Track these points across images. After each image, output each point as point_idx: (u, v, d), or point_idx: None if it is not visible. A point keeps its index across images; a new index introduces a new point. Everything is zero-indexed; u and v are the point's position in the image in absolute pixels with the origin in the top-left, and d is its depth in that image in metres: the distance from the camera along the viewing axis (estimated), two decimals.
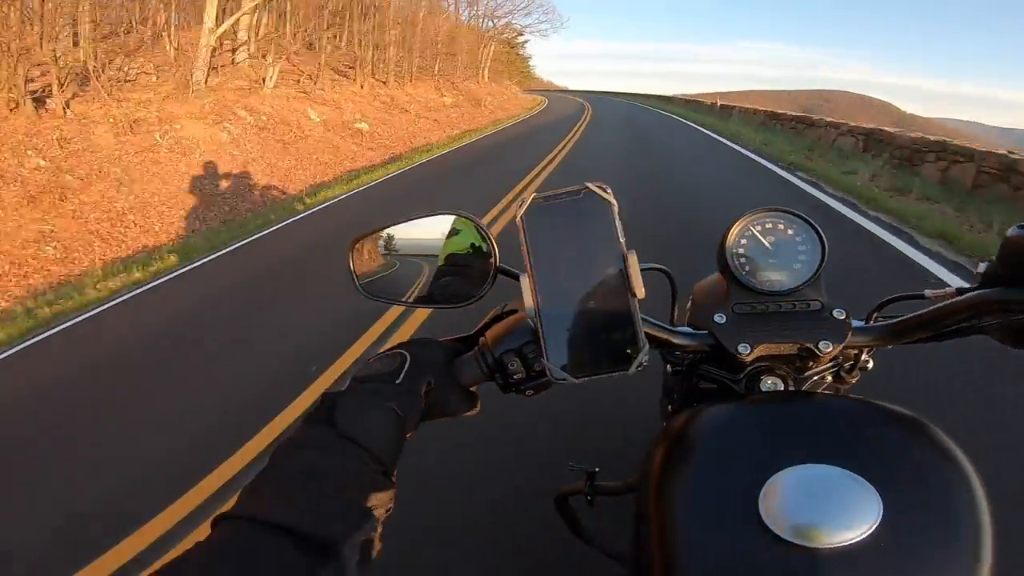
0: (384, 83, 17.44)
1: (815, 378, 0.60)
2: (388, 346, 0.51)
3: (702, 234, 2.70)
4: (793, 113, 13.60)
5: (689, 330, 0.59)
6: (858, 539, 0.38)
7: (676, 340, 0.58)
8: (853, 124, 9.64)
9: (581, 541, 0.75)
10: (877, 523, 0.39)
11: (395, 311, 3.19)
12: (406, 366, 0.47)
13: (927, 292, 0.59)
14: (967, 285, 0.54)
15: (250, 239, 5.39)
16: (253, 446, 2.19)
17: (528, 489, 1.78)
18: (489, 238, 0.52)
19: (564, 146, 11.41)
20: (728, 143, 11.52)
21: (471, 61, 29.29)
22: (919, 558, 0.38)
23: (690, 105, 26.30)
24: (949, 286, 0.57)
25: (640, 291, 0.44)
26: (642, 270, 0.47)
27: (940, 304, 0.52)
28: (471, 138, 14.39)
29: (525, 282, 0.45)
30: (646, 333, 0.48)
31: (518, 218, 0.45)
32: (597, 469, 0.68)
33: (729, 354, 0.55)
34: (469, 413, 0.52)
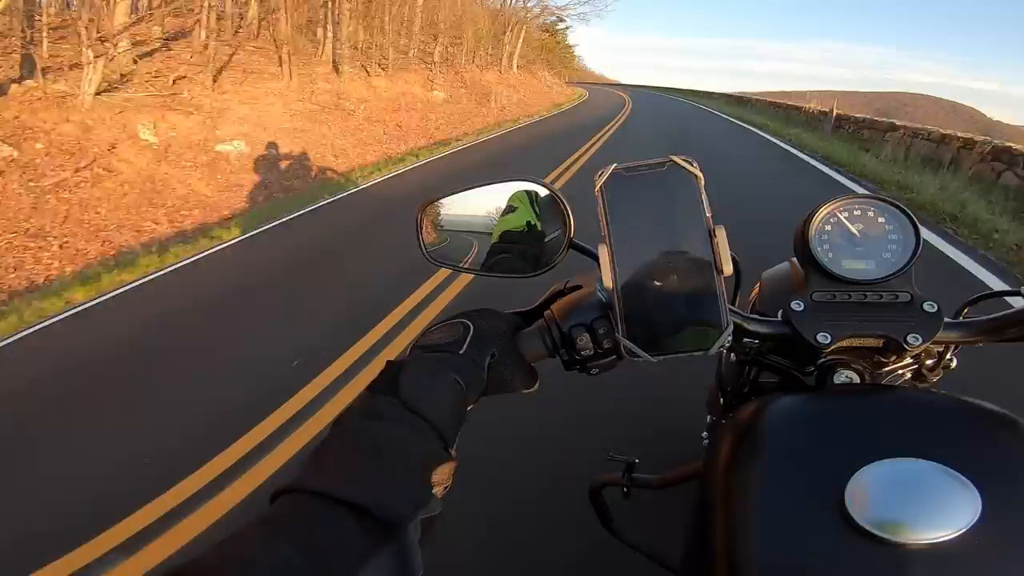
0: (337, 73, 11.96)
1: (893, 374, 0.59)
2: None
3: None
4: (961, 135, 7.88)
5: (761, 316, 0.57)
6: (952, 537, 0.37)
7: (749, 326, 0.56)
8: None
9: (609, 533, 0.74)
10: (975, 522, 0.37)
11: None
12: (469, 336, 0.45)
13: None
14: None
15: None
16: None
17: None
18: (566, 207, 0.51)
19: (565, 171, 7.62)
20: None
21: (494, 46, 24.28)
22: (1018, 560, 0.37)
23: (775, 111, 17.46)
24: None
25: (728, 268, 0.42)
26: None
27: None
28: (419, 159, 9.05)
29: (604, 254, 0.43)
30: None
31: (597, 188, 0.44)
32: (637, 460, 0.68)
33: (806, 343, 0.53)
34: (530, 390, 0.50)
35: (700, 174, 0.44)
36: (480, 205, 0.54)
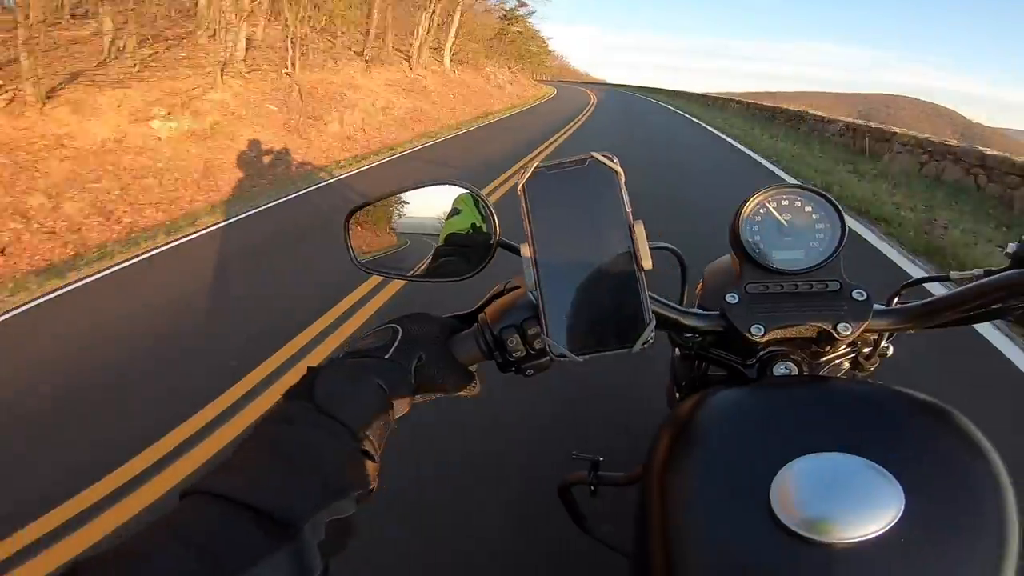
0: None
1: (831, 364, 0.58)
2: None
3: None
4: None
5: (700, 311, 0.56)
6: (877, 534, 0.36)
7: (686, 321, 0.55)
8: None
9: (583, 531, 0.74)
10: (898, 517, 0.37)
11: None
12: (397, 340, 0.45)
13: (953, 274, 0.58)
14: (994, 268, 0.53)
15: None
16: None
17: None
18: (489, 209, 0.50)
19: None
20: None
21: (405, 34, 17.21)
22: (942, 554, 0.37)
23: (755, 115, 15.32)
24: (978, 269, 0.56)
25: (647, 262, 0.42)
26: (650, 249, 0.49)
27: (968, 286, 0.50)
28: None
29: (526, 254, 0.43)
30: (654, 312, 0.46)
31: (520, 187, 0.43)
32: (601, 459, 0.67)
33: (741, 336, 0.53)
34: (467, 392, 0.49)
35: (620, 170, 0.43)
36: (422, 208, 0.53)
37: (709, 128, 14.13)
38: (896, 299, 0.62)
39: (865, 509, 0.37)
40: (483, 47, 26.65)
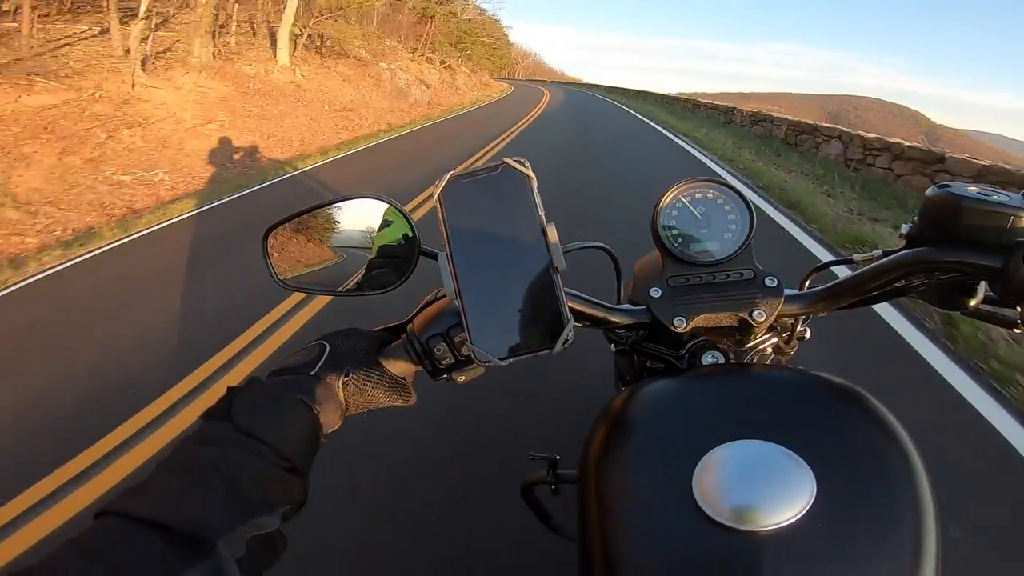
0: None
1: (756, 350, 0.60)
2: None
3: None
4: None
5: (628, 307, 0.58)
6: (791, 521, 0.37)
7: (613, 317, 0.56)
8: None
9: (550, 530, 0.73)
10: (811, 503, 0.37)
11: None
12: (323, 357, 0.46)
13: (855, 256, 0.59)
14: (891, 249, 0.53)
15: None
16: None
17: None
18: (409, 219, 0.49)
19: None
20: None
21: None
22: (855, 537, 0.37)
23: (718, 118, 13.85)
24: (877, 251, 0.56)
25: (561, 264, 0.42)
26: (582, 248, 0.56)
27: (868, 267, 0.52)
28: None
29: (444, 262, 0.43)
30: (582, 311, 0.53)
31: (435, 196, 0.44)
32: (558, 457, 0.67)
33: (666, 328, 0.53)
34: (402, 403, 0.50)
35: (532, 175, 0.43)
36: (355, 221, 0.52)
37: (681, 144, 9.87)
38: (807, 283, 0.63)
39: (780, 496, 0.37)
40: (384, 34, 19.61)
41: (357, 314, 2.50)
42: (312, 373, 0.44)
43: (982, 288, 0.49)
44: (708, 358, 0.56)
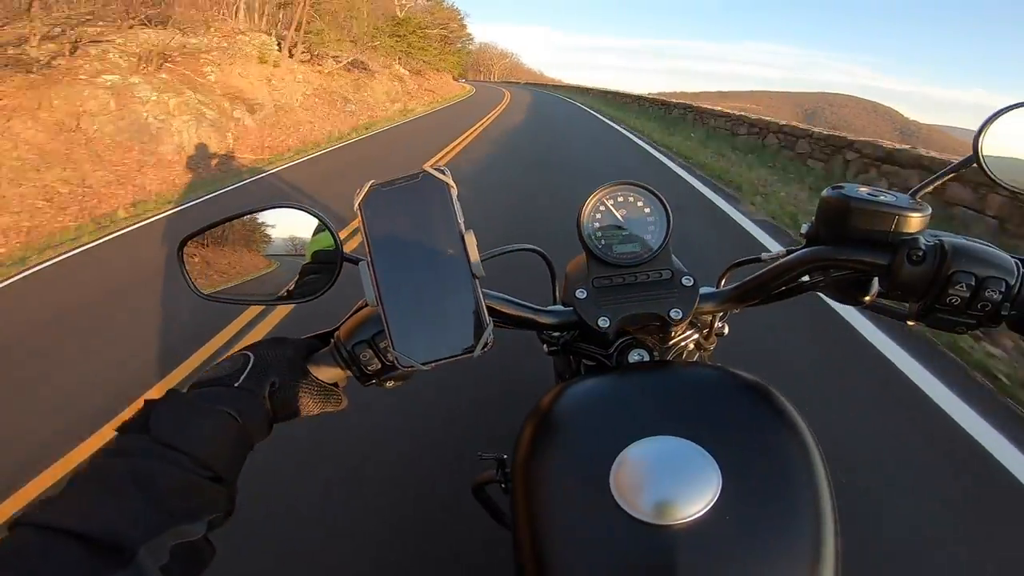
0: None
1: (679, 347, 0.62)
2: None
3: None
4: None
5: (556, 308, 0.59)
6: (699, 514, 0.38)
7: (540, 319, 0.58)
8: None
9: (504, 528, 0.69)
10: (717, 496, 0.39)
11: None
12: (248, 367, 0.46)
13: (763, 255, 0.60)
14: (795, 248, 0.55)
15: None
16: None
17: None
18: (330, 226, 0.49)
19: None
20: None
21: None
22: (758, 529, 0.38)
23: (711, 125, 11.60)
24: (782, 249, 0.58)
25: (479, 271, 0.43)
26: (517, 251, 0.61)
27: (771, 266, 0.55)
28: None
29: (364, 270, 0.43)
30: (510, 314, 0.56)
31: (356, 205, 0.44)
32: (506, 456, 0.65)
33: (591, 328, 0.55)
34: (333, 409, 0.50)
35: (452, 183, 0.44)
36: (289, 229, 0.52)
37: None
38: (723, 281, 0.65)
39: (689, 490, 0.39)
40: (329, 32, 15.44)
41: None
42: (236, 385, 0.44)
43: (874, 284, 0.52)
44: (634, 356, 0.58)
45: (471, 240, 0.43)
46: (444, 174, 0.44)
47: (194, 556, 0.36)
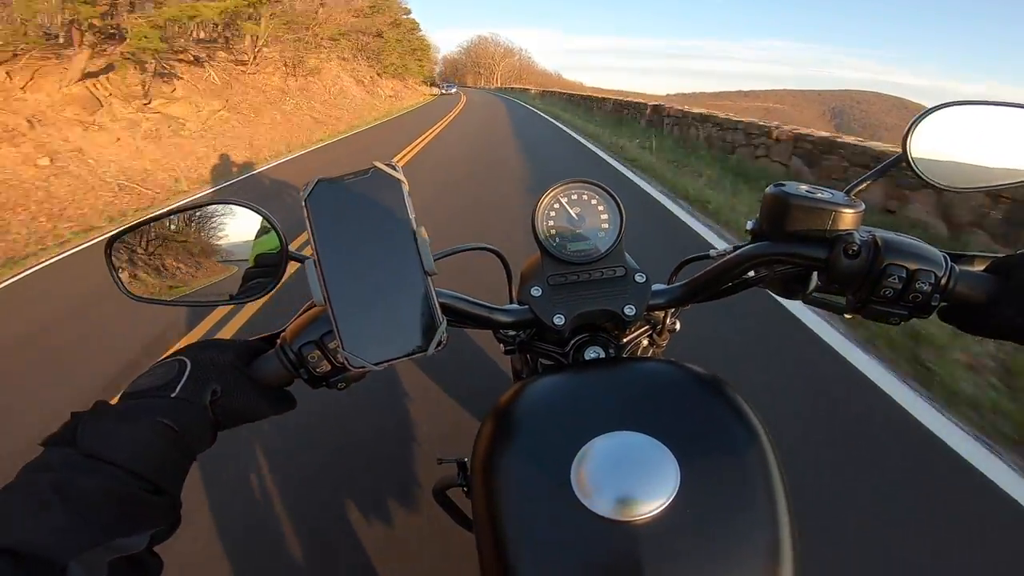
0: None
1: (634, 343, 0.63)
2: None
3: None
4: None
5: (511, 306, 0.59)
6: (661, 509, 0.38)
7: (496, 317, 0.58)
8: None
9: (468, 531, 0.70)
10: (676, 490, 0.39)
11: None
12: (185, 374, 0.43)
13: (711, 252, 0.61)
14: (740, 244, 0.56)
15: None
16: None
17: None
18: (273, 223, 0.47)
19: None
20: None
21: None
22: (717, 522, 0.39)
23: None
24: (729, 246, 0.59)
25: (431, 267, 0.42)
26: (472, 250, 0.61)
27: (719, 261, 0.56)
28: None
29: (311, 268, 0.42)
30: (465, 312, 0.55)
31: (302, 201, 0.42)
32: (467, 459, 0.64)
33: (547, 326, 0.55)
34: (280, 413, 0.49)
35: (403, 178, 0.43)
36: (232, 230, 0.49)
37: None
38: (674, 278, 0.66)
39: (649, 486, 0.39)
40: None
41: None
42: (172, 395, 0.42)
43: (814, 278, 0.54)
44: (590, 353, 0.59)
45: (424, 236, 0.43)
46: (396, 170, 0.43)
47: (137, 570, 0.35)
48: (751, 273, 0.57)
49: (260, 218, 0.47)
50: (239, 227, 0.48)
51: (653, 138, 8.96)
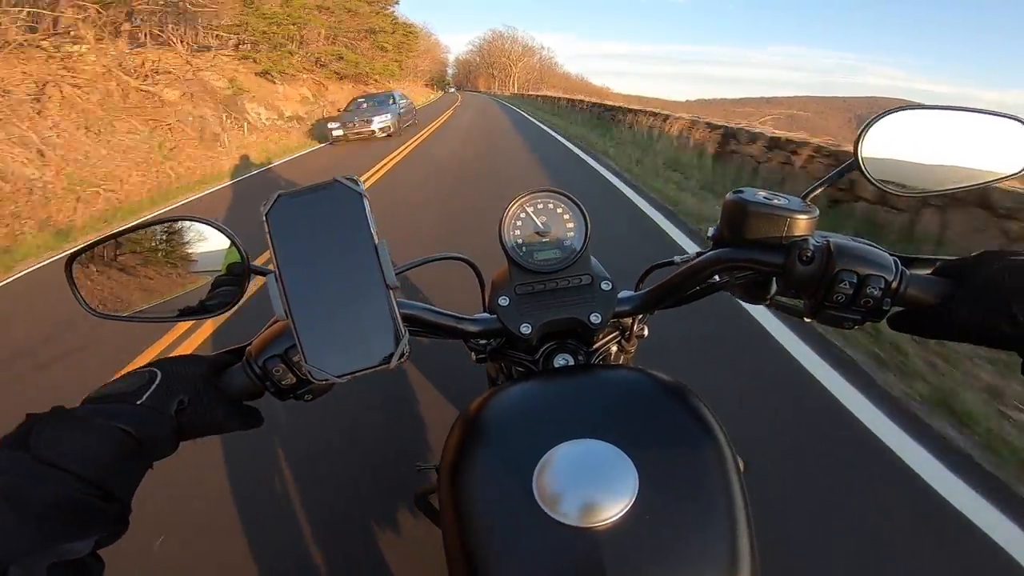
0: None
1: (603, 351, 0.64)
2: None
3: None
4: None
5: (479, 316, 0.60)
6: (619, 516, 0.39)
7: (464, 327, 0.58)
8: None
9: None
10: (635, 498, 0.40)
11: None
12: (154, 384, 0.44)
13: (676, 258, 0.62)
14: (704, 251, 0.56)
15: None
16: None
17: None
18: (233, 239, 0.48)
19: None
20: None
21: None
22: (674, 529, 0.39)
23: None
24: (692, 252, 0.59)
25: (392, 281, 0.42)
26: (443, 259, 0.62)
27: (682, 268, 0.57)
28: None
29: (272, 283, 0.43)
30: (432, 323, 0.56)
31: (263, 215, 0.43)
32: None
33: (515, 335, 0.56)
34: (247, 427, 0.50)
35: (364, 191, 0.44)
36: (203, 243, 0.49)
37: None
38: (641, 285, 0.66)
39: (607, 492, 0.40)
40: None
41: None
42: (139, 403, 0.43)
43: (774, 283, 0.54)
44: (559, 360, 0.60)
45: (384, 250, 0.43)
46: (357, 184, 0.44)
47: (78, 573, 0.36)
48: (715, 278, 0.57)
49: (222, 235, 0.48)
50: (202, 243, 0.49)
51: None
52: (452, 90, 74.98)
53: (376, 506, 1.61)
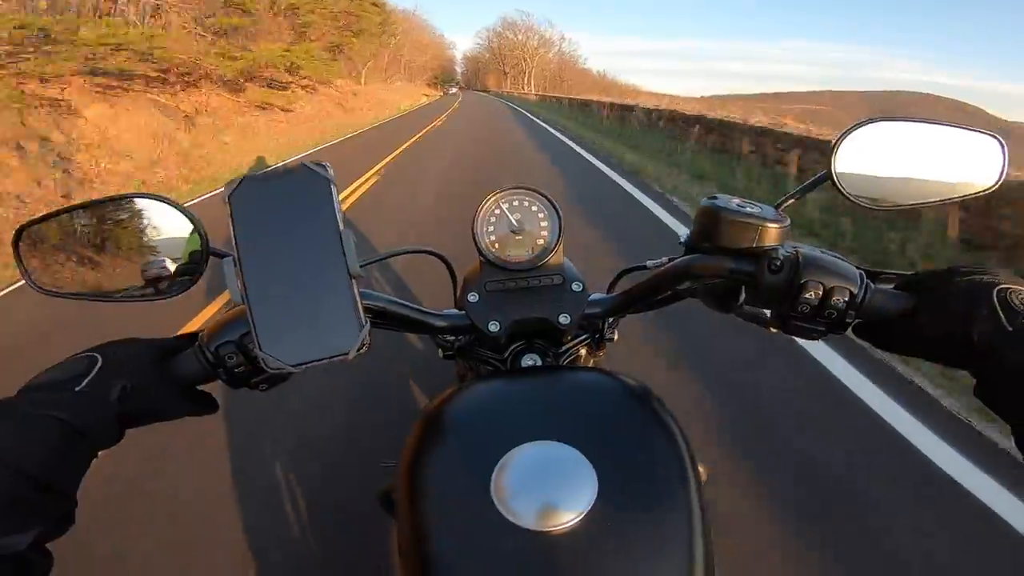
0: None
1: (572, 352, 0.63)
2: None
3: None
4: None
5: (448, 311, 0.59)
6: (577, 520, 0.39)
7: (431, 322, 0.57)
8: None
9: None
10: (593, 501, 0.39)
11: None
12: (95, 370, 0.42)
13: (648, 263, 0.61)
14: (675, 257, 0.56)
15: None
16: None
17: None
18: (193, 219, 0.47)
19: None
20: None
21: None
22: (632, 533, 0.39)
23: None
24: (665, 258, 0.60)
25: (355, 269, 0.41)
26: (414, 252, 0.62)
27: (654, 273, 0.56)
28: None
29: (229, 266, 0.41)
30: (400, 315, 0.54)
31: (226, 197, 0.41)
32: None
33: (483, 332, 0.56)
34: (199, 414, 0.48)
35: (332, 177, 0.42)
36: (164, 226, 0.48)
37: None
38: (613, 288, 0.66)
39: (565, 496, 0.40)
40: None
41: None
42: (77, 389, 0.41)
43: (743, 291, 0.54)
44: (527, 360, 0.59)
45: (349, 237, 0.42)
46: (325, 169, 0.43)
47: (20, 568, 0.35)
48: (686, 284, 0.57)
49: (184, 216, 0.47)
50: (162, 223, 0.47)
51: None
52: (453, 90, 63.94)
53: (337, 503, 1.62)
